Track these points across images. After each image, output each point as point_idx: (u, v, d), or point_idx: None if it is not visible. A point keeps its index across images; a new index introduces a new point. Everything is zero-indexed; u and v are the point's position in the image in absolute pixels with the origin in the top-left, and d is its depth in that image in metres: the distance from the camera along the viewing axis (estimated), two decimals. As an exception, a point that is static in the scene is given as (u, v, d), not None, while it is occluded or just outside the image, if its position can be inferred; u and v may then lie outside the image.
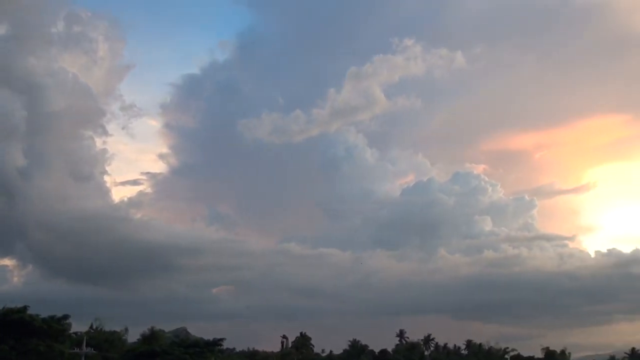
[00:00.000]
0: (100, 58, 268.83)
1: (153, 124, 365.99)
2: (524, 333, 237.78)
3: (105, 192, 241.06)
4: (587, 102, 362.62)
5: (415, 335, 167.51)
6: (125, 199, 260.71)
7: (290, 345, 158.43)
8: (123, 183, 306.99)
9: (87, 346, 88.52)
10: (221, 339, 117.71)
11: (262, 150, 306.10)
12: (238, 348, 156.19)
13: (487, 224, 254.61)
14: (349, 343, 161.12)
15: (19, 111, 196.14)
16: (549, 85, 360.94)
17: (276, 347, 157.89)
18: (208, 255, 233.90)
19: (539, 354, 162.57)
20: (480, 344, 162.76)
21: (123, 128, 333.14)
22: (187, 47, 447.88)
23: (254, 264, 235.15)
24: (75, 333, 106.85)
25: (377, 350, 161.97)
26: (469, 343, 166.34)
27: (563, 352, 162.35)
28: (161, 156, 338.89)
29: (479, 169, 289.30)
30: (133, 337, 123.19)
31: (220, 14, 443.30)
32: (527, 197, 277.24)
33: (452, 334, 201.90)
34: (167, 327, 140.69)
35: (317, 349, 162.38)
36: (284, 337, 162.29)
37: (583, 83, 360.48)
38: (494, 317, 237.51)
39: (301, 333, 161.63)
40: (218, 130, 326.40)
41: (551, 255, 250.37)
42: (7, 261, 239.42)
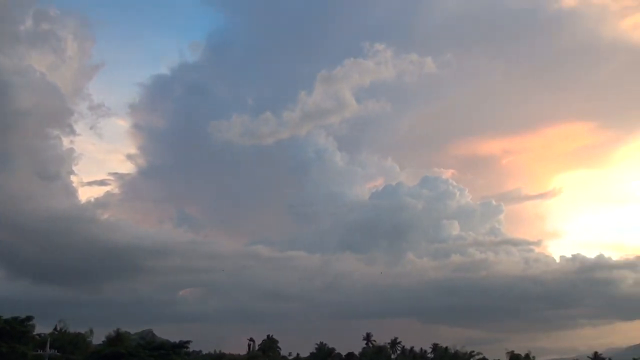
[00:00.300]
0: (68, 57, 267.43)
1: (121, 124, 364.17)
2: (490, 337, 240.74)
3: (71, 192, 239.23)
4: (554, 110, 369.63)
5: (382, 338, 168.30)
6: (92, 200, 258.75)
7: (257, 348, 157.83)
8: (90, 183, 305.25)
9: (51, 348, 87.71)
10: (187, 342, 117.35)
11: (232, 152, 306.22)
12: (205, 351, 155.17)
13: (455, 229, 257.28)
14: (316, 346, 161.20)
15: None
16: (517, 92, 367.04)
17: (243, 350, 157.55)
18: (175, 257, 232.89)
19: (504, 358, 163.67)
20: (446, 348, 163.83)
21: (91, 128, 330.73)
22: (157, 48, 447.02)
23: (222, 266, 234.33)
24: (39, 334, 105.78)
25: (344, 353, 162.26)
26: (435, 347, 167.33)
27: (527, 356, 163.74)
28: (129, 157, 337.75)
29: (448, 174, 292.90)
30: (98, 339, 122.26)
31: (190, 15, 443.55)
32: (494, 202, 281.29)
33: (419, 338, 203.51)
34: (133, 329, 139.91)
35: (284, 352, 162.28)
36: (251, 340, 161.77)
37: (550, 90, 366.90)
38: (461, 321, 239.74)
39: (268, 336, 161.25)
40: (187, 131, 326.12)
41: (517, 259, 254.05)
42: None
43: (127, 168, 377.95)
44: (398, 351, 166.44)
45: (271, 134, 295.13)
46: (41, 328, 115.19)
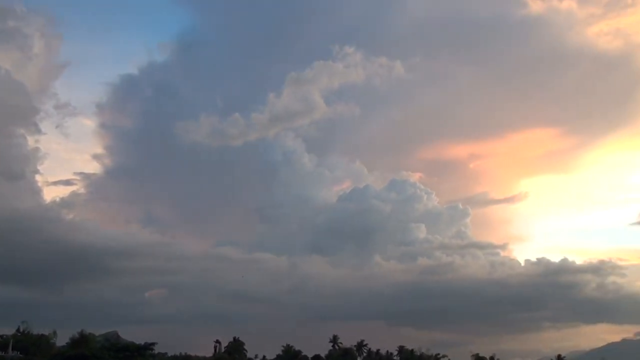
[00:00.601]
0: (35, 55, 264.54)
1: (88, 124, 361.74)
2: (455, 339, 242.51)
3: (36, 192, 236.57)
4: (521, 115, 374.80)
5: (348, 341, 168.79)
6: (57, 200, 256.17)
7: (223, 350, 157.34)
8: (55, 183, 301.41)
9: (14, 350, 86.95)
10: (153, 343, 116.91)
11: (200, 153, 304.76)
12: (170, 352, 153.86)
13: (422, 232, 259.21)
14: (283, 348, 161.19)
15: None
16: (485, 97, 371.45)
17: (209, 352, 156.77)
18: (142, 258, 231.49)
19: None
20: (412, 350, 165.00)
21: (57, 127, 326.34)
22: (125, 47, 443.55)
23: (189, 268, 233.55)
24: (1, 336, 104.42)
25: (311, 355, 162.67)
26: (401, 349, 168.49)
27: (492, 358, 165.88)
28: (95, 156, 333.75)
29: (415, 177, 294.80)
30: (62, 341, 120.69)
31: (159, 15, 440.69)
32: (461, 206, 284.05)
33: (385, 340, 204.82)
34: (98, 331, 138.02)
35: (251, 354, 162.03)
36: (217, 342, 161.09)
37: (517, 96, 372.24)
38: (427, 324, 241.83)
39: (234, 338, 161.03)
40: (155, 131, 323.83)
41: (483, 263, 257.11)
42: None
43: (93, 168, 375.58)
44: (364, 353, 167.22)
45: (239, 136, 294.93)
46: (3, 329, 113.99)
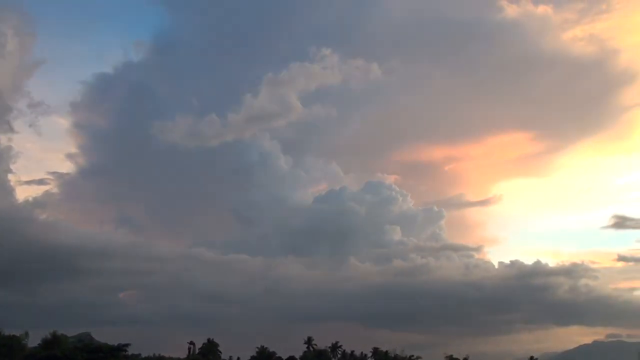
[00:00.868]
0: (8, 52, 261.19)
1: (62, 123, 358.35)
2: (430, 341, 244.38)
3: (9, 191, 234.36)
4: (496, 118, 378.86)
5: (323, 342, 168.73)
6: (30, 199, 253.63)
7: (197, 351, 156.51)
8: (28, 182, 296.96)
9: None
10: (126, 345, 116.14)
11: (175, 153, 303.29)
12: (144, 354, 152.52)
13: (397, 234, 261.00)
14: (257, 349, 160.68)
15: None
16: (460, 100, 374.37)
17: (183, 353, 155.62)
18: (115, 258, 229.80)
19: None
20: (386, 352, 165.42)
21: (30, 126, 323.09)
22: (101, 45, 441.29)
23: (163, 269, 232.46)
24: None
25: (285, 357, 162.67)
26: (376, 351, 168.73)
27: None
28: (69, 156, 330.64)
29: (391, 179, 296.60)
30: (34, 342, 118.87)
31: (135, 14, 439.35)
32: (436, 208, 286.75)
33: (360, 342, 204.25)
34: (71, 332, 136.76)
35: (225, 355, 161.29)
36: (191, 344, 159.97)
37: (492, 99, 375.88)
38: (401, 325, 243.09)
39: (209, 339, 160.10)
40: (130, 131, 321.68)
41: (457, 265, 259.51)
42: None
43: (67, 167, 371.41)
44: (339, 355, 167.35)
45: (215, 136, 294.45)
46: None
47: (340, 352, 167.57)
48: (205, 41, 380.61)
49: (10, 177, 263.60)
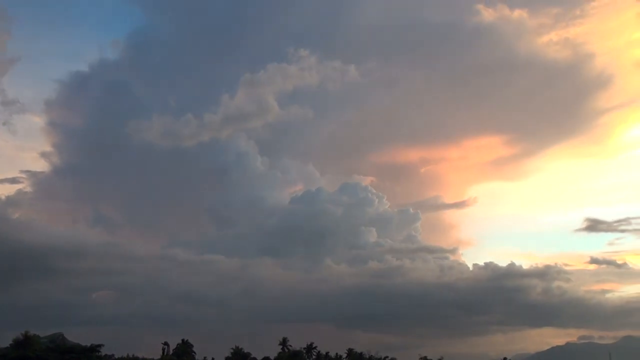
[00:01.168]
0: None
1: (36, 121, 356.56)
2: (404, 342, 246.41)
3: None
4: (472, 121, 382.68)
5: (298, 343, 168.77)
6: (3, 198, 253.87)
7: (171, 352, 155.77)
8: (1, 181, 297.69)
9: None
10: (99, 345, 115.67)
11: (151, 153, 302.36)
12: (117, 354, 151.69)
13: (373, 235, 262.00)
14: (232, 350, 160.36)
15: None
16: (437, 103, 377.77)
17: (157, 354, 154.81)
18: (89, 258, 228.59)
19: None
20: (361, 353, 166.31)
21: (4, 124, 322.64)
22: (76, 43, 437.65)
23: (137, 269, 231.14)
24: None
25: (260, 357, 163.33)
26: (351, 352, 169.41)
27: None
28: (44, 154, 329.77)
29: (367, 181, 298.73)
30: (5, 342, 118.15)
31: (112, 12, 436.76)
32: (412, 210, 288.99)
33: (335, 343, 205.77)
34: (43, 332, 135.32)
35: (199, 356, 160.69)
36: (165, 344, 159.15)
37: (468, 102, 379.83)
38: (376, 327, 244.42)
39: (183, 340, 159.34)
40: (106, 130, 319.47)
41: (432, 267, 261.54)
42: None
43: (41, 166, 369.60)
44: (313, 356, 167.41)
45: (192, 136, 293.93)
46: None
47: (315, 353, 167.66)
48: (182, 40, 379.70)
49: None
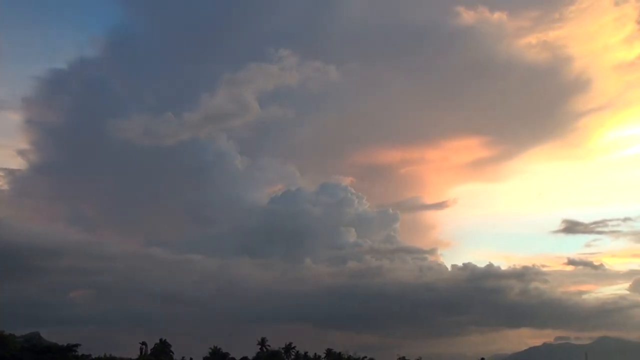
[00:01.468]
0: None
1: (14, 118, 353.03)
2: (383, 342, 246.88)
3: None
4: (452, 123, 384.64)
5: (276, 343, 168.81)
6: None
7: (149, 351, 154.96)
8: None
9: None
10: (76, 345, 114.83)
11: (130, 151, 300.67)
12: (94, 354, 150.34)
13: (352, 236, 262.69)
14: (210, 350, 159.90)
15: None
16: (417, 104, 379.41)
17: (135, 354, 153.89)
18: (66, 257, 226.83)
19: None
20: (339, 353, 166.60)
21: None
22: (55, 40, 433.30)
23: (115, 268, 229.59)
24: None
25: (239, 357, 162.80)
26: (329, 352, 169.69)
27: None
28: (21, 152, 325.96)
29: (347, 181, 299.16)
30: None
31: (91, 9, 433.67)
32: (391, 211, 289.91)
33: (313, 343, 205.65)
34: (19, 332, 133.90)
35: (177, 356, 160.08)
36: (143, 344, 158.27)
37: (448, 104, 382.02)
38: (355, 327, 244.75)
39: (161, 339, 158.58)
40: (84, 128, 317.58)
41: (411, 267, 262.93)
42: None
43: (18, 164, 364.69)
44: (292, 356, 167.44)
45: (171, 135, 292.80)
46: None
47: (293, 353, 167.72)
48: (162, 38, 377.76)
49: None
